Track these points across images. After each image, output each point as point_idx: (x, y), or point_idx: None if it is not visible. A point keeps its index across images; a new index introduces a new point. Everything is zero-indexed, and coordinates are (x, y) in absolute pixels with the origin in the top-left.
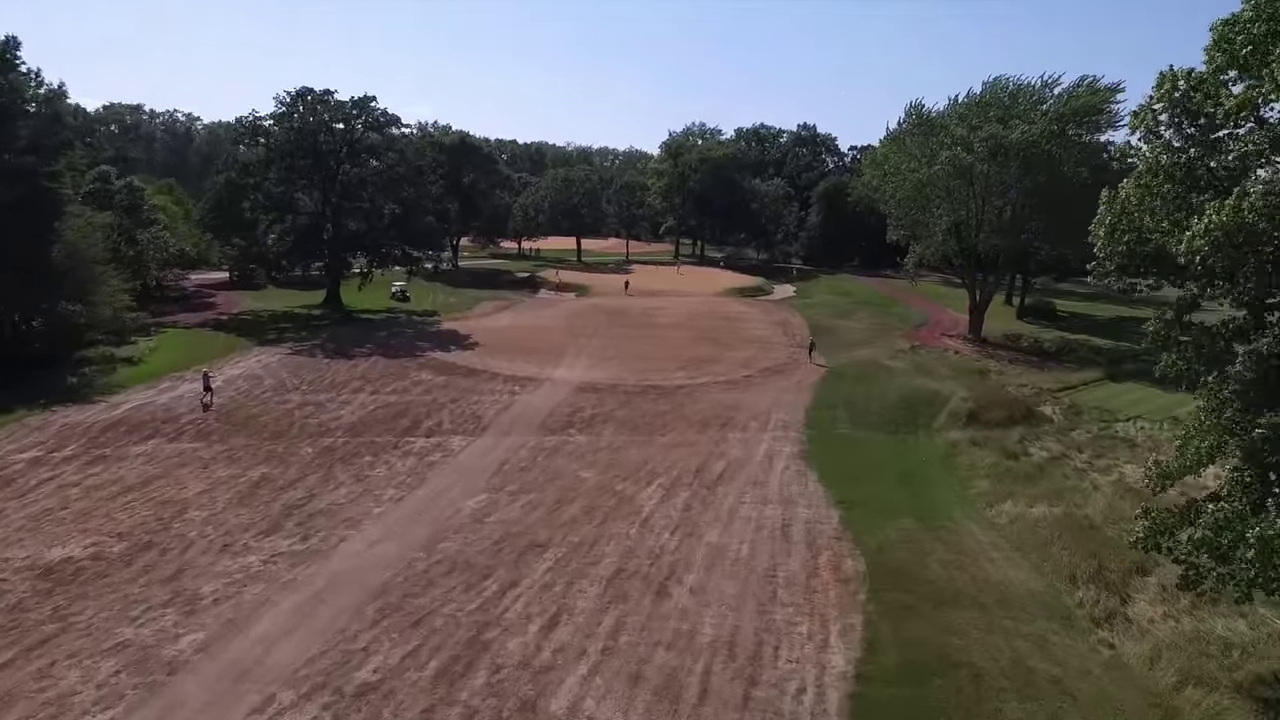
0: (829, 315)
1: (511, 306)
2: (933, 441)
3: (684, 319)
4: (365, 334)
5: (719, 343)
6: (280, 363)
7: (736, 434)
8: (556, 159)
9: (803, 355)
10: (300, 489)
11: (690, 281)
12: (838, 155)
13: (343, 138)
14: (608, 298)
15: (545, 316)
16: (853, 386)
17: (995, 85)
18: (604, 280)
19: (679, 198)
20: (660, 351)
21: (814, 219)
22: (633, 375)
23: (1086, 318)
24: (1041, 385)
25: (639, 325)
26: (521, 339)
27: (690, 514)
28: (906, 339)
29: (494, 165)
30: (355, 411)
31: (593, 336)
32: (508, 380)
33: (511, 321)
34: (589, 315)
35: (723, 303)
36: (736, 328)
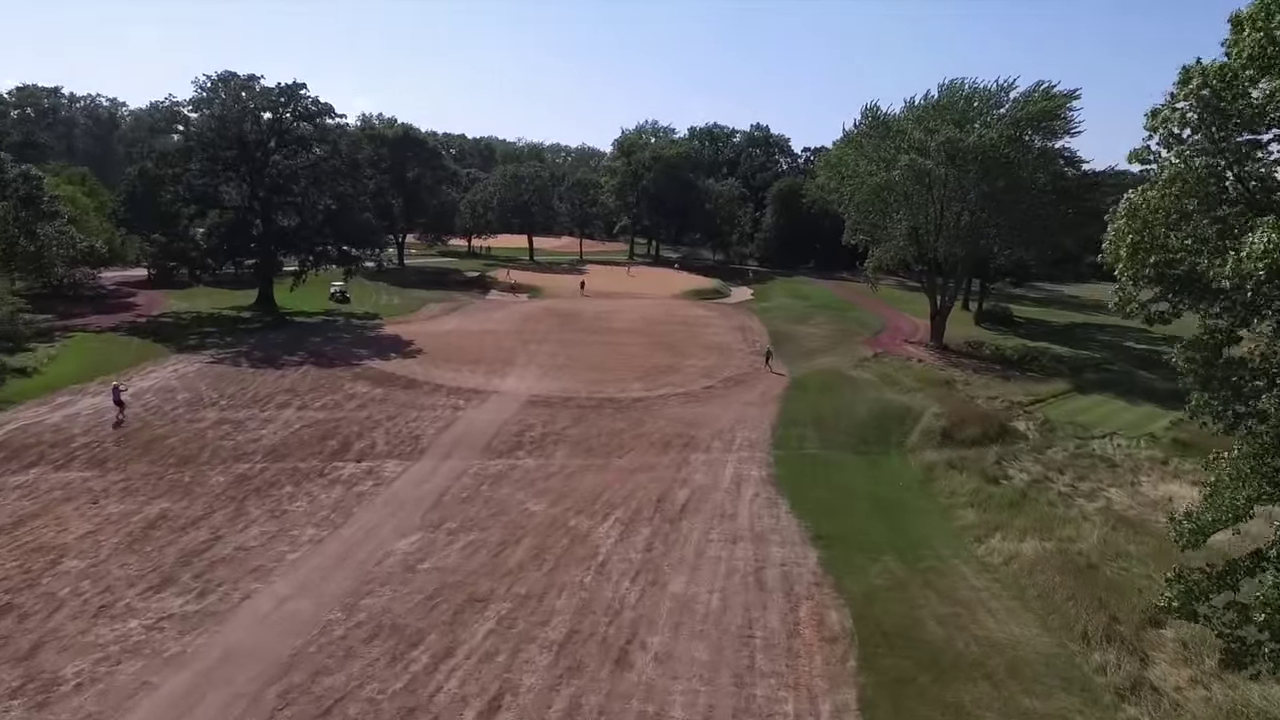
0: (788, 320)
1: (459, 309)
2: (907, 463)
3: (640, 323)
4: (298, 339)
5: (677, 350)
6: (199, 373)
7: (700, 455)
8: (507, 155)
9: (765, 367)
10: (204, 529)
11: (646, 283)
12: (791, 156)
13: (270, 127)
14: (561, 299)
15: (495, 320)
16: (819, 399)
17: (951, 88)
18: (557, 281)
19: (633, 196)
20: (616, 360)
21: (769, 220)
22: (587, 387)
23: (1043, 324)
24: (1011, 398)
25: (593, 330)
26: (468, 345)
27: (652, 555)
28: (868, 346)
29: (439, 159)
30: (278, 431)
31: (544, 342)
32: (452, 393)
33: (459, 326)
34: (541, 319)
35: (680, 306)
36: (695, 333)
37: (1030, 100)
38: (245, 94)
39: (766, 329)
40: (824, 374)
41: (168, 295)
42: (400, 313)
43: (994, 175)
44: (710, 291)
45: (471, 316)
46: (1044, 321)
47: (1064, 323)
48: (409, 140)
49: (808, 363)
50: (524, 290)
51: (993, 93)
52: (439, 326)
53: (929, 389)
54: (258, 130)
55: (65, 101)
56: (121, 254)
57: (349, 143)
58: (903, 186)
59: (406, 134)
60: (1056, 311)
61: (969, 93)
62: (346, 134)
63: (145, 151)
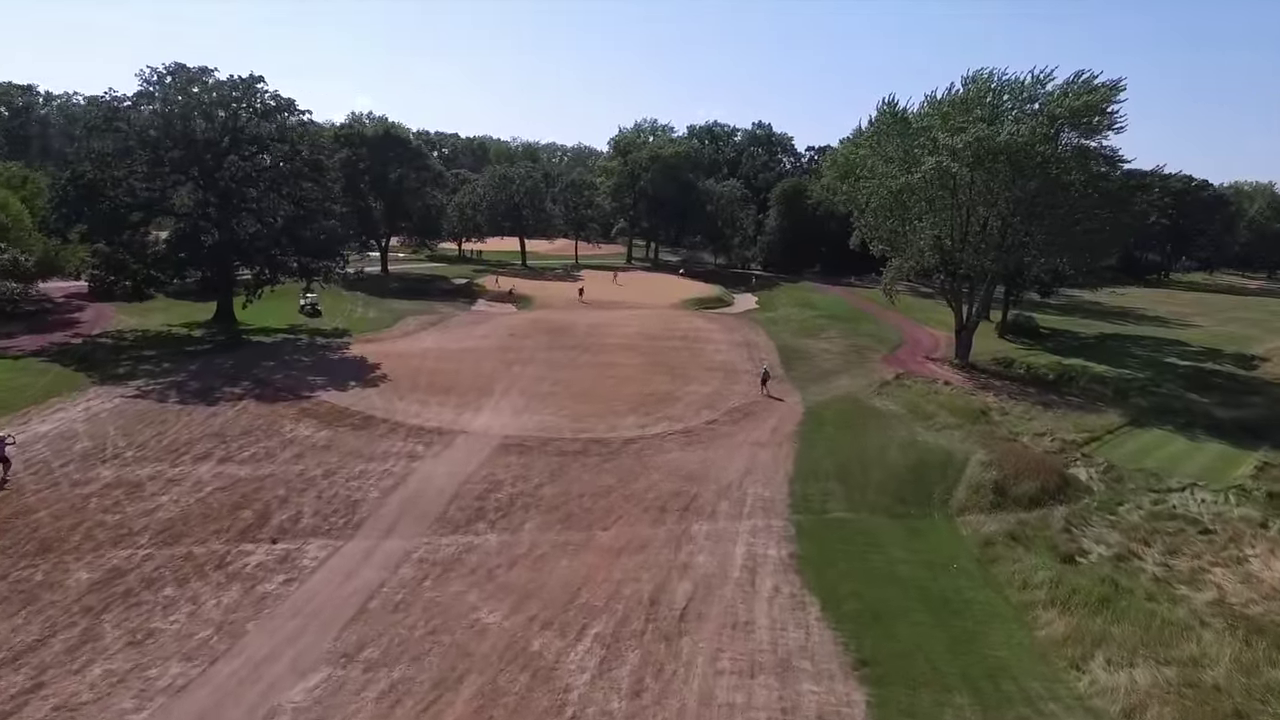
0: (797, 334)
1: (440, 323)
2: (956, 530)
3: (637, 339)
4: (248, 364)
5: (677, 372)
6: (114, 412)
7: (704, 524)
8: (500, 154)
9: (775, 392)
10: (23, 670)
11: (644, 291)
12: (795, 156)
13: (224, 125)
14: (553, 310)
15: (476, 336)
16: (840, 439)
17: (977, 81)
18: (549, 289)
19: (630, 198)
20: (608, 386)
21: (773, 222)
22: (573, 422)
23: (1071, 335)
24: (1060, 433)
25: (585, 348)
26: (443, 369)
27: (642, 704)
28: (887, 365)
29: (424, 160)
30: (183, 497)
31: (529, 363)
32: (412, 435)
33: (436, 344)
34: (528, 334)
35: (680, 317)
36: (696, 350)
37: (1070, 93)
38: (198, 88)
39: (774, 345)
40: (842, 403)
41: (120, 310)
42: (373, 328)
43: (1028, 176)
44: (713, 300)
45: (452, 332)
46: (1071, 332)
47: (1093, 334)
48: (390, 139)
49: (822, 387)
50: (513, 300)
51: (1025, 85)
52: (414, 345)
53: (965, 423)
54: (210, 129)
55: (40, 99)
56: (59, 266)
57: (312, 142)
58: (925, 190)
59: (388, 133)
60: (1082, 321)
61: (997, 85)
62: (309, 132)
63: (84, 153)
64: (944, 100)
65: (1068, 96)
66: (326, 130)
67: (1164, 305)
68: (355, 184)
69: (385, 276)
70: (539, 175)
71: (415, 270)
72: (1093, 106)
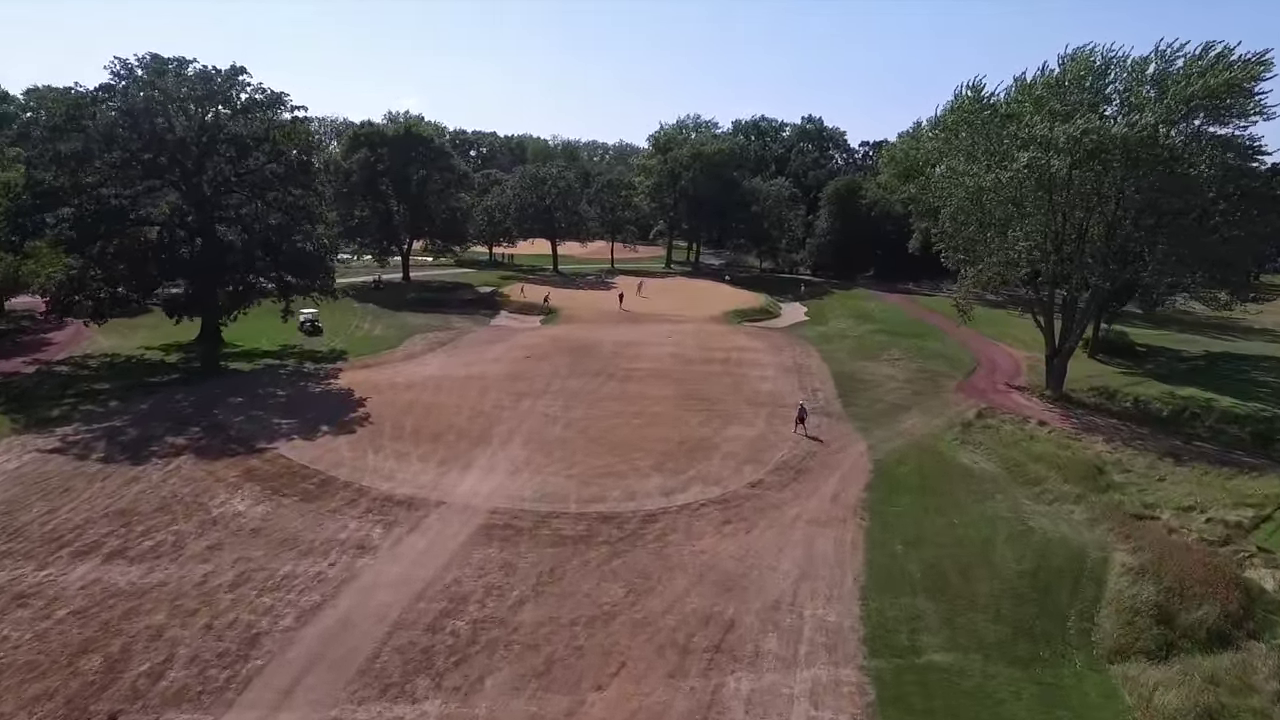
0: (854, 354)
1: (451, 342)
2: (1113, 692)
3: (670, 363)
4: (210, 402)
5: (715, 408)
6: (12, 476)
7: (742, 678)
8: (539, 153)
9: (831, 435)
10: None
11: (681, 300)
12: (847, 152)
13: (201, 124)
14: (580, 325)
15: (488, 359)
16: (922, 516)
17: (1077, 59)
18: (578, 300)
19: (670, 198)
20: (631, 428)
21: (823, 224)
22: (581, 486)
23: (1171, 354)
24: (1215, 509)
25: (609, 374)
26: (439, 405)
27: None
28: (965, 396)
29: (448, 159)
30: (20, 627)
31: (542, 395)
32: (372, 510)
33: (440, 369)
34: (548, 355)
35: (721, 333)
36: (738, 378)
37: (1205, 70)
38: (173, 80)
39: (829, 369)
40: (918, 453)
41: (100, 330)
42: (375, 349)
43: (1148, 174)
44: (757, 311)
45: (461, 353)
46: (1170, 350)
47: (1197, 353)
48: (412, 139)
49: (890, 428)
50: (537, 311)
51: (1139, 63)
52: (414, 372)
53: (1083, 490)
54: (189, 126)
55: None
56: (24, 282)
57: (301, 142)
58: (1016, 191)
59: (409, 131)
60: (1180, 336)
61: (1102, 64)
62: (300, 131)
63: (47, 155)
64: (1036, 83)
65: (1205, 75)
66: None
67: (1269, 315)
68: (375, 186)
69: (405, 285)
70: (572, 175)
71: (439, 277)
72: (1233, 85)
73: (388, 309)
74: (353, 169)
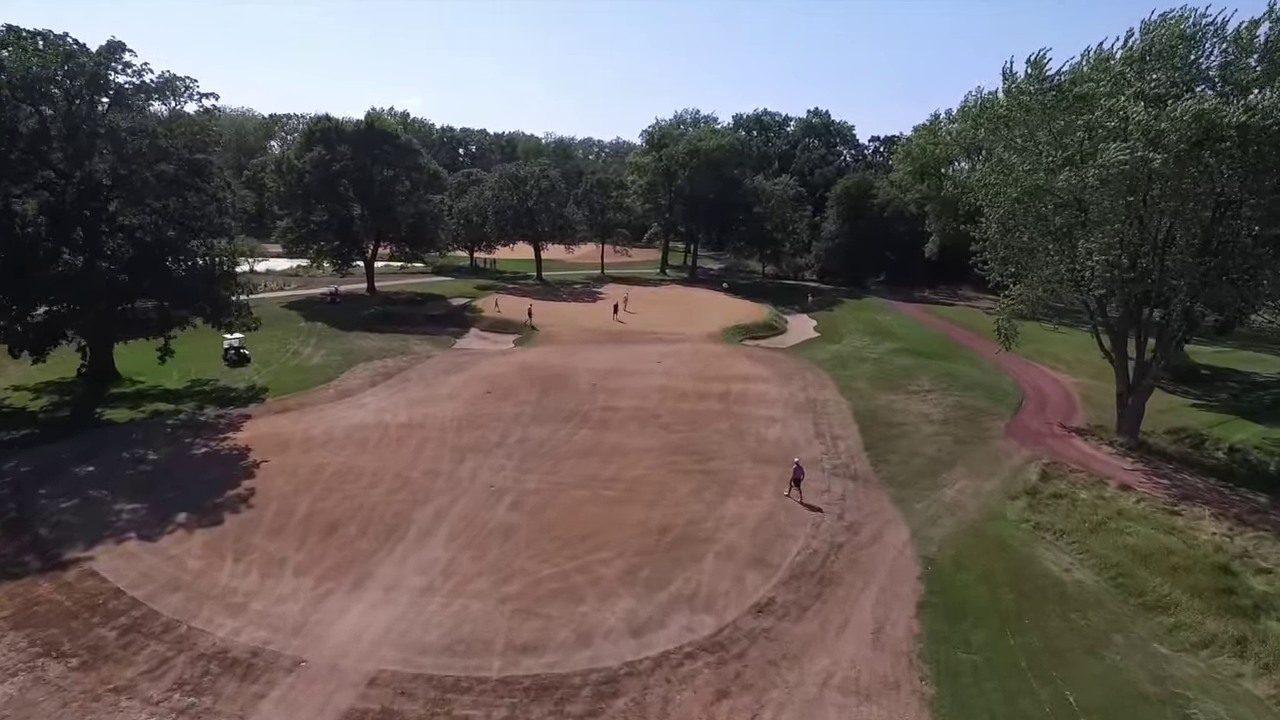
0: (876, 383)
1: (401, 373)
2: None
3: (657, 399)
4: (43, 475)
5: (710, 468)
6: None
7: None
8: (530, 151)
9: (860, 509)
10: None
11: (677, 314)
12: (856, 147)
13: (68, 113)
14: (557, 346)
15: (441, 397)
16: (1015, 687)
17: (1166, 25)
18: (560, 314)
19: (664, 198)
20: (598, 505)
21: (831, 226)
22: (515, 619)
23: (1240, 377)
24: None
25: (582, 418)
26: (354, 471)
27: None
28: (1018, 443)
29: (416, 158)
30: None
31: (492, 452)
32: (186, 680)
33: (375, 413)
34: (511, 393)
35: (719, 357)
36: (740, 420)
37: None
38: (35, 59)
39: (848, 405)
40: (981, 547)
41: None
42: (306, 383)
43: (1267, 166)
44: (761, 327)
45: (409, 389)
46: (1239, 373)
47: (1272, 376)
48: (375, 134)
49: (935, 495)
50: (512, 330)
51: (1250, 26)
52: (341, 418)
53: (1221, 618)
54: (56, 117)
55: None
56: None
57: (191, 136)
58: (1091, 191)
59: (371, 126)
60: (1243, 355)
61: (1194, 31)
62: (192, 124)
63: None
64: (1114, 55)
65: None
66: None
67: None
68: (333, 187)
69: (368, 298)
70: (557, 174)
71: (409, 288)
72: None
73: (338, 328)
74: (306, 168)
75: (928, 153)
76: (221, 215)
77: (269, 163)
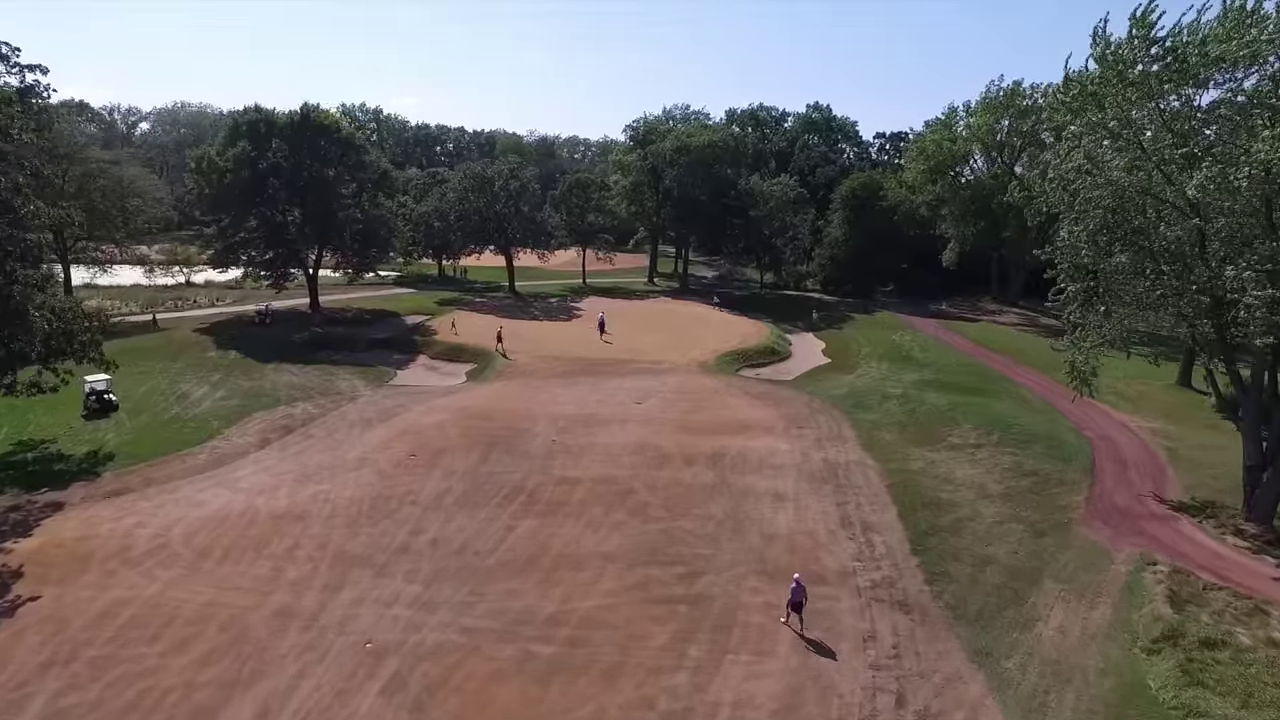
0: (907, 432)
1: (306, 425)
2: None
3: (630, 465)
4: None
5: (697, 589)
6: None
7: None
8: (508, 149)
9: (921, 666)
10: None
11: (661, 335)
12: (859, 145)
13: None
14: (519, 382)
15: (346, 465)
16: None
17: None
18: (527, 336)
19: (651, 201)
20: (522, 683)
21: (836, 231)
22: None
23: None
24: None
25: (528, 497)
26: (159, 616)
27: None
28: (1112, 534)
29: (361, 155)
30: None
31: (388, 566)
32: None
33: (243, 496)
34: (441, 455)
35: (712, 395)
36: (738, 499)
37: None
38: None
39: (880, 470)
40: None
41: None
42: (175, 443)
43: None
44: (761, 352)
45: (310, 450)
46: None
47: None
48: (312, 128)
49: (1021, 637)
50: (467, 357)
51: None
52: (195, 503)
53: None
54: None
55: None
56: None
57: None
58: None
59: (307, 119)
60: None
61: None
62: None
63: None
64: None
65: None
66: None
67: None
68: (262, 189)
69: (308, 316)
70: (528, 174)
71: (362, 303)
72: None
73: (255, 358)
74: (228, 166)
75: (944, 149)
76: (16, 228)
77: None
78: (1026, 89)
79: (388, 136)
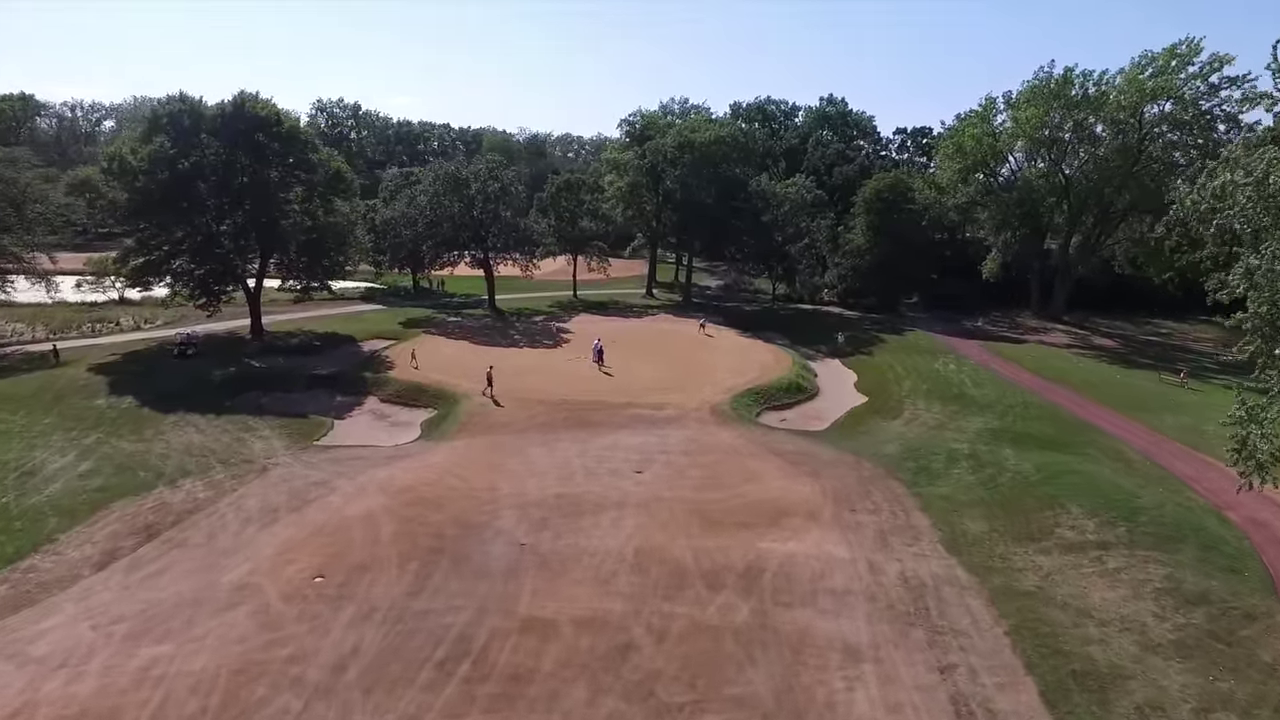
0: (997, 519)
1: (182, 521)
2: None
3: (628, 593)
4: None
5: None
6: None
7: None
8: (496, 146)
9: None
10: None
11: (663, 365)
12: (877, 141)
13: None
14: (488, 439)
15: (206, 606)
16: None
17: None
18: (512, 365)
19: (649, 204)
20: None
21: (859, 238)
22: None
23: None
24: None
25: (471, 669)
26: None
27: None
28: None
29: (306, 152)
30: None
31: None
32: None
33: (23, 681)
34: (356, 577)
35: (732, 459)
36: (787, 654)
37: None
38: None
39: (986, 602)
40: None
41: None
42: None
43: None
44: (785, 389)
45: (167, 575)
46: None
47: None
48: (247, 120)
49: None
50: (426, 401)
51: None
52: None
53: None
54: None
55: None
56: None
57: None
58: None
59: (241, 109)
60: None
61: None
62: None
63: None
64: None
65: None
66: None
67: None
68: (187, 192)
69: (244, 343)
70: (510, 174)
71: (314, 322)
72: None
73: (152, 407)
74: (143, 167)
75: (984, 145)
76: None
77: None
78: (1077, 76)
79: (367, 134)
